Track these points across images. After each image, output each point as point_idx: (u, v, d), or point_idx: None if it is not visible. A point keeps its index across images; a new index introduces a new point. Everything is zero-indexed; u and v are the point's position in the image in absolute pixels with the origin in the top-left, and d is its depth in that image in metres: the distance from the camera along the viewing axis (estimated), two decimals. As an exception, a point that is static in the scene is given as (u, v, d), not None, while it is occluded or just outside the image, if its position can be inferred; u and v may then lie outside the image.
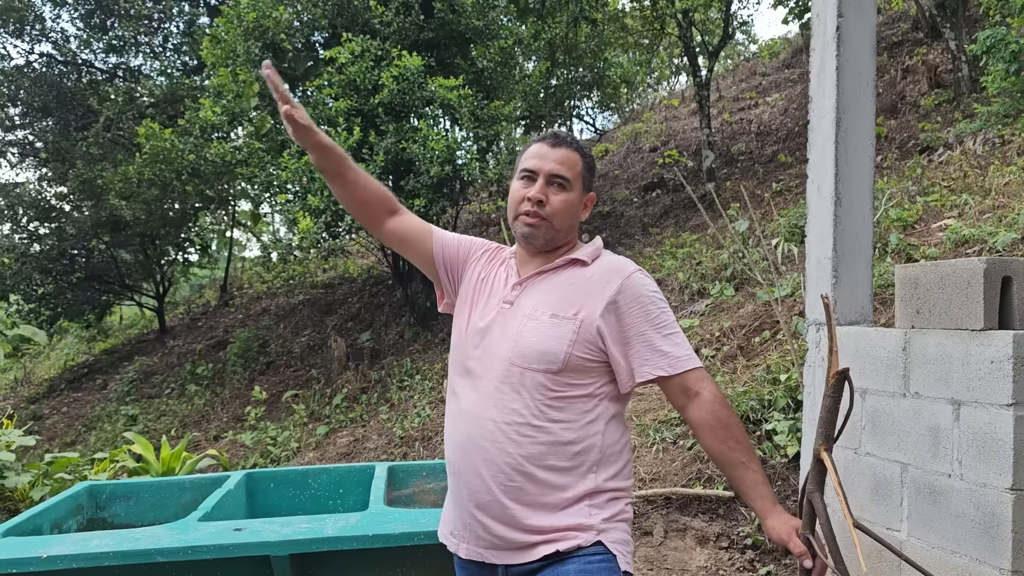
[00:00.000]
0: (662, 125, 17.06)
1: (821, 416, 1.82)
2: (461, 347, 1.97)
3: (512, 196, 1.99)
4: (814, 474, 1.81)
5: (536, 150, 1.97)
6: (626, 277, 1.91)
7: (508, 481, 1.80)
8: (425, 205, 9.01)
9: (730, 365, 6.15)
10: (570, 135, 2.00)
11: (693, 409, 1.85)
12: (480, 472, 1.83)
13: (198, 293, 20.45)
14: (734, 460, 1.81)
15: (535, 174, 1.93)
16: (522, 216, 1.94)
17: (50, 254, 14.66)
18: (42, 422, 13.07)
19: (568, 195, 1.94)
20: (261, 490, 3.31)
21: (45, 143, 15.05)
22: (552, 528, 1.79)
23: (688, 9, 12.20)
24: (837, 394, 1.80)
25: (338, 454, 7.82)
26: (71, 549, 2.27)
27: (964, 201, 6.74)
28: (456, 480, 1.90)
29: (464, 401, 1.90)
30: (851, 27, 3.36)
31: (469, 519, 1.86)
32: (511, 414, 1.82)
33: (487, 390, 1.86)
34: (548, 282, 1.95)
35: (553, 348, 1.82)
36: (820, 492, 1.79)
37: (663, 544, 4.36)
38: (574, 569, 1.76)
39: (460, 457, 1.87)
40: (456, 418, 1.92)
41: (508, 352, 1.86)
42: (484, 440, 1.83)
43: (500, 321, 1.92)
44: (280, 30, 9.52)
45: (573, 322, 1.85)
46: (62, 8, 15.04)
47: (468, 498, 1.85)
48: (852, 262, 3.36)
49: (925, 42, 12.97)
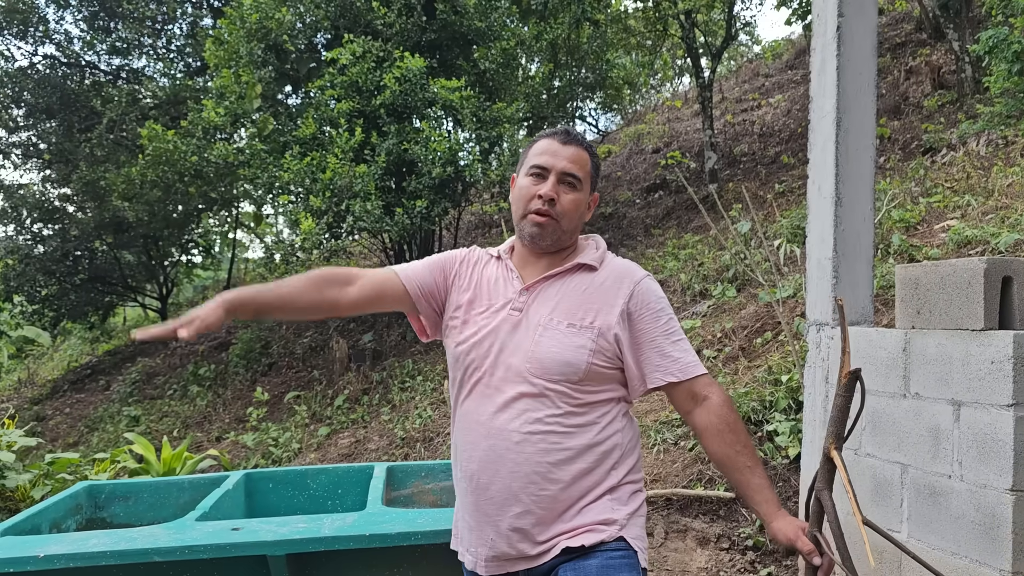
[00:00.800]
0: (665, 126, 17.06)
1: (832, 415, 1.82)
2: (467, 359, 1.89)
3: (520, 193, 1.92)
4: (823, 472, 1.82)
5: (546, 146, 1.90)
6: (637, 283, 1.90)
7: (539, 491, 1.78)
8: (427, 206, 9.01)
9: (732, 366, 6.14)
10: (579, 133, 1.95)
11: (701, 413, 1.85)
12: (509, 485, 1.79)
13: (201, 294, 20.48)
14: (740, 464, 1.81)
15: (547, 171, 1.88)
16: (532, 215, 1.88)
17: (54, 255, 14.70)
18: (45, 423, 13.09)
19: (578, 195, 1.90)
20: (260, 490, 3.31)
21: (48, 144, 15.09)
22: (576, 526, 1.79)
23: (691, 10, 12.19)
24: (849, 393, 1.81)
25: (339, 455, 7.82)
26: (68, 548, 2.27)
27: (967, 202, 6.72)
28: (479, 495, 1.83)
29: (481, 414, 1.84)
30: (852, 27, 3.35)
31: (494, 534, 1.81)
32: (535, 424, 1.79)
33: (506, 401, 1.81)
34: (558, 288, 1.90)
35: (574, 359, 1.80)
36: (829, 490, 1.79)
37: (664, 545, 4.35)
38: (597, 564, 1.75)
39: (485, 470, 1.81)
40: (474, 431, 1.85)
41: (526, 363, 1.81)
42: (511, 452, 1.78)
43: (509, 330, 1.86)
44: (283, 31, 9.54)
45: (591, 331, 1.83)
46: (66, 10, 15.09)
47: (496, 512, 1.81)
48: (853, 262, 3.35)
49: (928, 43, 12.95)
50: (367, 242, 11.20)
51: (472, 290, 1.97)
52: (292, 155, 9.11)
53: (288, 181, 9.07)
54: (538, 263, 1.95)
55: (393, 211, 8.91)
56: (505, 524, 1.79)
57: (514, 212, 1.96)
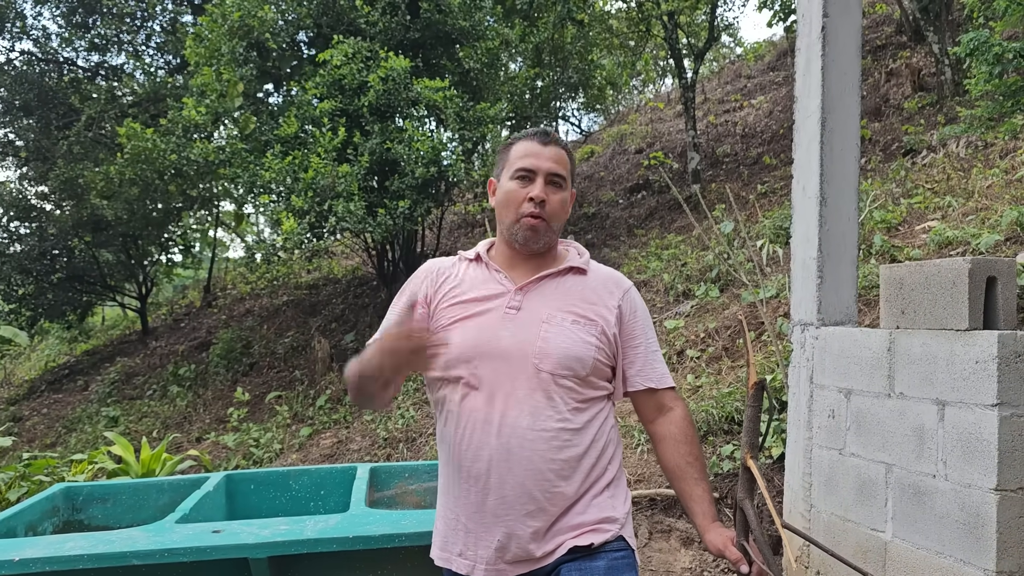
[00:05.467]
0: (647, 127, 17.10)
1: (744, 426, 1.89)
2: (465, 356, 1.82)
3: (507, 197, 1.91)
4: (743, 481, 1.87)
5: (528, 148, 1.92)
6: (626, 291, 1.98)
7: (553, 488, 1.78)
8: (410, 206, 8.97)
9: (715, 366, 6.15)
10: (555, 132, 1.98)
11: (663, 423, 1.94)
12: (523, 483, 1.77)
13: (181, 294, 20.29)
14: (688, 475, 1.89)
15: (533, 173, 1.89)
16: (525, 218, 1.88)
17: (31, 254, 14.51)
18: (22, 423, 12.93)
19: (564, 194, 1.94)
20: (241, 492, 3.27)
21: (26, 142, 14.90)
22: (580, 523, 1.80)
23: (674, 11, 12.22)
24: (757, 403, 1.87)
25: (321, 455, 7.77)
26: (45, 552, 2.23)
27: (947, 203, 6.77)
28: (488, 496, 1.79)
29: (488, 412, 1.79)
30: (837, 27, 3.36)
31: (503, 536, 1.78)
32: (547, 420, 1.79)
33: (515, 399, 1.78)
34: (554, 287, 1.92)
35: (582, 353, 1.83)
36: (750, 499, 1.84)
37: (648, 545, 4.35)
38: (604, 565, 1.77)
39: (497, 470, 1.78)
40: (481, 430, 1.80)
41: (534, 358, 1.80)
42: (524, 450, 1.77)
43: (509, 327, 1.83)
44: (265, 29, 9.46)
45: (595, 326, 1.87)
46: (43, 6, 14.90)
47: (507, 512, 1.78)
48: (837, 262, 3.35)
49: (908, 45, 13.05)
50: (349, 242, 11.13)
51: (457, 294, 1.93)
52: (273, 154, 9.03)
53: (269, 180, 9.00)
54: (526, 264, 1.95)
55: (376, 211, 8.86)
56: (518, 524, 1.77)
57: (501, 217, 1.94)
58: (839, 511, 3.14)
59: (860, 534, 3.01)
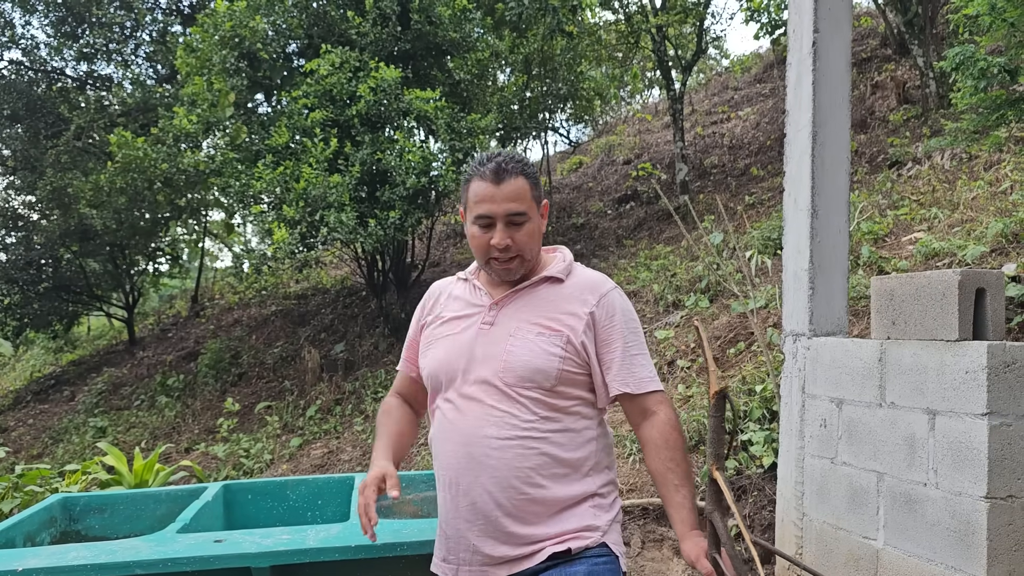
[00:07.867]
0: (636, 138, 17.19)
1: (709, 436, 1.90)
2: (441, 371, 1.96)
3: (473, 242, 1.96)
4: (710, 494, 1.88)
5: (483, 192, 1.90)
6: (603, 295, 1.97)
7: (519, 495, 1.83)
8: (400, 216, 8.99)
9: (705, 376, 6.18)
10: (506, 158, 1.93)
11: (646, 427, 1.93)
12: (488, 489, 1.84)
13: (168, 303, 20.20)
14: (669, 481, 1.88)
15: (492, 219, 1.90)
16: (492, 261, 1.94)
17: (17, 263, 14.43)
18: (7, 434, 12.83)
19: (530, 225, 1.94)
20: (239, 502, 3.28)
21: (14, 151, 14.82)
22: (560, 532, 1.84)
23: (662, 24, 12.32)
24: (720, 413, 1.87)
25: (312, 466, 7.76)
26: (48, 562, 2.23)
27: (933, 215, 6.86)
28: (458, 501, 1.88)
29: (459, 422, 1.90)
30: (827, 42, 3.42)
31: (475, 539, 1.86)
32: (512, 429, 1.84)
33: (481, 410, 1.87)
34: (525, 299, 1.97)
35: (545, 365, 1.86)
36: (720, 511, 1.86)
37: (640, 555, 4.37)
38: (583, 570, 1.80)
39: (464, 476, 1.86)
40: (452, 439, 1.91)
41: (500, 371, 1.87)
42: (490, 458, 1.83)
43: (481, 342, 1.93)
44: (256, 39, 9.47)
45: (559, 336, 1.89)
46: (32, 15, 14.85)
47: (473, 518, 1.85)
48: (829, 274, 3.41)
49: (893, 58, 13.20)
50: (339, 252, 11.13)
51: (443, 315, 2.06)
52: (265, 164, 9.04)
53: (260, 190, 9.00)
54: (505, 282, 2.02)
55: (367, 221, 8.88)
56: (487, 528, 1.84)
57: (475, 255, 2.01)
58: (831, 519, 3.18)
59: (852, 542, 3.05)
